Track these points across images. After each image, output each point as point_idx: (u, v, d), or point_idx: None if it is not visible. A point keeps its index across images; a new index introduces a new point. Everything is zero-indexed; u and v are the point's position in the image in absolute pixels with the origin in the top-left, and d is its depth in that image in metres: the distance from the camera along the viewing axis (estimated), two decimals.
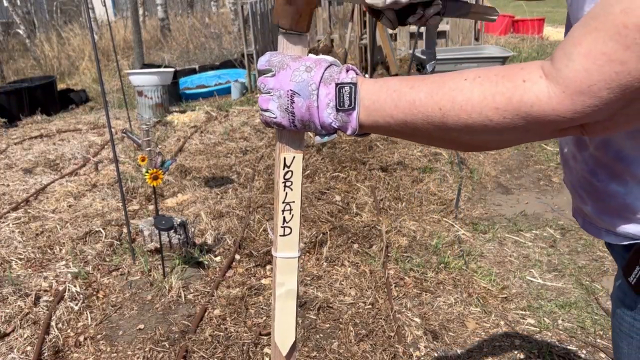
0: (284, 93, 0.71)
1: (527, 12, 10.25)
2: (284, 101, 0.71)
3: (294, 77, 0.70)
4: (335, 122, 0.70)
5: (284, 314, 0.80)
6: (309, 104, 0.70)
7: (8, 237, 3.18)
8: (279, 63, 0.72)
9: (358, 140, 4.61)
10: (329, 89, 0.69)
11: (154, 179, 2.45)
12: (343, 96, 0.68)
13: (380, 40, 7.09)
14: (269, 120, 0.74)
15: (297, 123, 0.72)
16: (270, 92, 0.72)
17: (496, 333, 2.21)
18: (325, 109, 0.70)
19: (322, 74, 0.69)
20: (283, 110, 0.71)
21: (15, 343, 2.25)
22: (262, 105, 0.74)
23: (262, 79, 0.73)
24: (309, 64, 0.71)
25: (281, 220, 0.81)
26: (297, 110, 0.71)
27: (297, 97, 0.70)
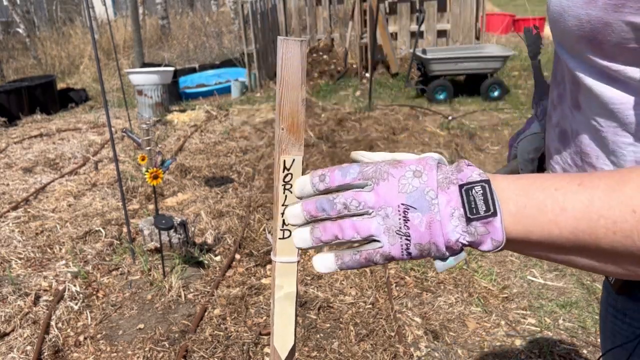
0: (393, 210, 0.53)
1: (528, 12, 10.24)
2: (394, 221, 0.53)
3: (402, 187, 0.54)
4: (464, 236, 0.53)
5: (283, 317, 0.80)
6: (429, 218, 0.53)
7: (8, 236, 3.18)
8: (375, 173, 0.55)
9: (359, 140, 4.61)
10: (449, 195, 0.53)
11: (153, 178, 2.45)
12: (475, 200, 0.52)
13: (381, 39, 7.08)
14: (371, 256, 0.54)
15: (413, 249, 0.54)
16: (371, 212, 0.54)
17: (497, 333, 2.21)
18: (450, 221, 0.53)
19: (436, 177, 0.54)
20: (392, 234, 0.54)
21: (15, 343, 2.25)
22: (360, 233, 0.54)
23: (353, 195, 0.54)
24: (417, 168, 0.54)
25: (280, 223, 0.79)
26: (414, 231, 0.53)
27: (413, 212, 0.53)
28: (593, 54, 0.62)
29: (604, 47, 0.60)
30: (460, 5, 7.12)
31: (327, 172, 0.56)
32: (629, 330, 0.79)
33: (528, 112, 5.46)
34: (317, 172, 0.57)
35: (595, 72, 0.65)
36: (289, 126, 0.76)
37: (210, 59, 9.16)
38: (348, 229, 0.54)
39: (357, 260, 0.55)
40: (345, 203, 0.54)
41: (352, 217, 0.54)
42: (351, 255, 0.55)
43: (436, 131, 4.86)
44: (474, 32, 7.18)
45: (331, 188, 0.56)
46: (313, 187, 0.57)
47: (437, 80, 5.97)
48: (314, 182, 0.56)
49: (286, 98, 0.75)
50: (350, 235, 0.54)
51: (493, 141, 4.60)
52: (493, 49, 6.29)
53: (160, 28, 11.99)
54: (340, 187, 0.55)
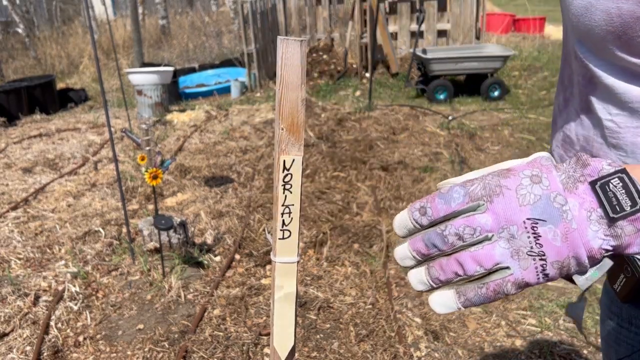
0: (519, 228, 0.45)
1: (528, 11, 10.23)
2: (523, 241, 0.45)
3: (522, 198, 0.45)
4: (607, 241, 0.45)
5: (283, 318, 0.79)
6: (564, 229, 0.45)
7: (7, 236, 3.17)
8: (485, 190, 0.46)
9: (359, 140, 4.61)
10: (580, 196, 0.45)
11: (153, 178, 2.44)
12: (615, 196, 0.44)
13: (381, 39, 7.08)
14: (501, 288, 0.46)
15: (550, 269, 0.45)
16: (490, 237, 0.46)
17: (497, 333, 2.20)
18: (588, 226, 0.45)
19: (558, 179, 0.46)
20: (523, 256, 0.45)
21: (15, 343, 2.24)
22: (484, 264, 0.46)
23: (464, 222, 0.46)
24: (532, 172, 0.47)
25: (280, 223, 0.79)
26: (550, 248, 0.45)
27: (543, 226, 0.45)
28: (621, 50, 0.59)
29: (633, 43, 0.58)
30: (460, 5, 7.11)
31: (427, 202, 0.48)
32: (635, 339, 0.77)
33: (528, 112, 5.46)
34: (416, 205, 0.48)
35: (619, 70, 0.62)
36: (289, 126, 0.76)
37: (210, 59, 9.16)
38: (469, 263, 0.46)
39: (484, 295, 0.47)
40: (458, 233, 0.46)
41: (469, 247, 0.46)
42: (476, 290, 0.47)
43: (436, 131, 4.86)
44: (474, 31, 7.18)
45: (437, 220, 0.47)
46: (415, 223, 0.48)
47: (437, 80, 5.97)
48: (415, 217, 0.48)
49: (286, 98, 0.74)
50: (472, 270, 0.46)
51: (493, 141, 4.59)
52: (493, 49, 6.28)
53: (160, 28, 11.99)
54: (446, 216, 0.47)
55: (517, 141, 4.58)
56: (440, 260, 0.48)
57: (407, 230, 0.49)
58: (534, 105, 5.70)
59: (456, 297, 0.48)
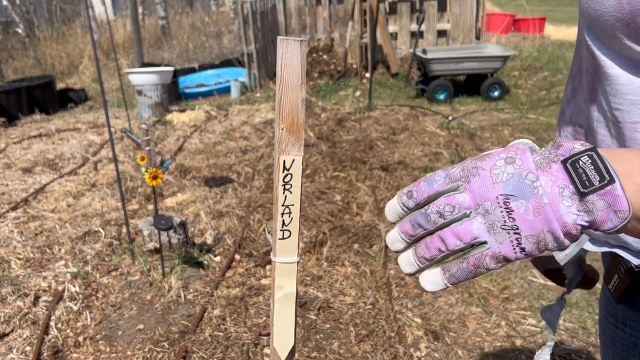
0: (492, 204, 0.48)
1: (527, 11, 10.24)
2: (497, 215, 0.48)
3: (495, 177, 0.49)
4: (582, 216, 0.47)
5: (283, 318, 0.79)
6: (535, 203, 0.47)
7: (7, 236, 3.17)
8: (463, 172, 0.50)
9: (359, 140, 4.61)
10: (552, 174, 0.48)
11: (153, 178, 2.44)
12: (585, 172, 0.47)
13: (381, 39, 7.08)
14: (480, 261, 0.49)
15: (526, 242, 0.48)
16: (469, 214, 0.49)
17: (497, 333, 2.20)
18: (561, 202, 0.47)
19: (531, 158, 0.49)
20: (498, 230, 0.48)
21: (15, 343, 2.24)
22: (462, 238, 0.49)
23: (445, 200, 0.50)
24: (508, 155, 0.50)
25: (280, 224, 0.78)
26: (522, 221, 0.47)
27: (515, 201, 0.48)
28: (629, 38, 0.59)
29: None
30: (460, 5, 7.11)
31: (413, 187, 0.52)
32: (629, 340, 0.77)
33: (528, 112, 5.46)
34: (403, 190, 0.53)
35: (625, 61, 0.62)
36: (289, 126, 0.76)
37: (210, 59, 9.16)
38: (449, 238, 0.49)
39: (465, 268, 0.50)
40: (439, 210, 0.50)
41: (450, 224, 0.50)
42: (458, 265, 0.50)
43: (436, 131, 4.86)
44: (474, 32, 7.18)
45: (421, 202, 0.51)
46: (403, 207, 0.52)
47: (437, 80, 5.97)
48: (403, 200, 0.52)
49: (286, 98, 0.74)
50: (453, 244, 0.49)
51: (493, 141, 4.59)
52: (493, 49, 6.28)
53: (159, 28, 11.99)
54: (430, 197, 0.51)
55: None
56: (425, 240, 0.51)
57: (396, 215, 0.53)
58: (534, 106, 5.70)
59: (442, 273, 0.51)
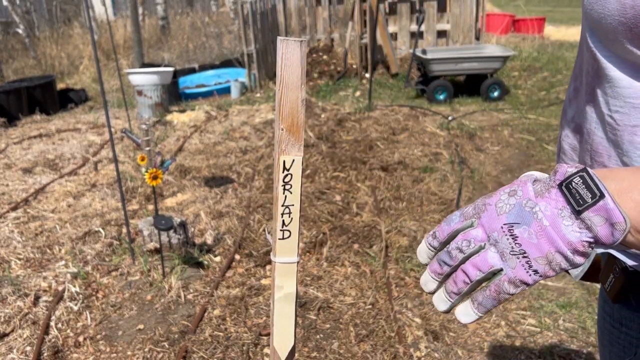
0: (499, 233, 0.53)
1: (526, 12, 10.24)
2: (504, 243, 0.53)
3: (499, 209, 0.54)
4: (584, 233, 0.50)
5: (283, 318, 0.80)
6: (536, 227, 0.51)
7: (7, 237, 3.18)
8: (475, 209, 0.56)
9: (358, 140, 4.61)
10: (550, 199, 0.52)
11: (153, 178, 2.45)
12: (577, 192, 0.50)
13: (381, 40, 7.08)
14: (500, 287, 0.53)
15: (536, 265, 0.52)
16: (484, 246, 0.54)
17: (497, 333, 2.21)
18: (561, 222, 0.51)
19: (531, 187, 0.54)
20: (508, 256, 0.53)
21: (15, 343, 2.24)
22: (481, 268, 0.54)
23: (462, 237, 0.56)
24: (511, 189, 0.55)
25: (280, 224, 0.79)
26: (528, 245, 0.52)
27: (518, 228, 0.52)
28: (631, 43, 0.59)
29: None
30: (460, 6, 7.12)
31: (436, 228, 0.59)
32: (625, 339, 0.78)
33: (528, 112, 5.46)
34: (429, 233, 0.60)
35: (626, 64, 0.62)
36: (289, 126, 0.76)
37: (210, 59, 9.16)
38: (470, 269, 0.54)
39: (489, 296, 0.54)
40: (458, 246, 0.55)
41: (470, 257, 0.55)
42: (482, 293, 0.55)
43: (436, 131, 4.86)
44: (473, 32, 7.18)
45: (443, 240, 0.57)
46: (430, 247, 0.59)
47: (437, 81, 5.97)
48: (429, 241, 0.59)
49: (286, 98, 0.74)
50: (474, 275, 0.54)
51: (493, 141, 4.60)
52: (493, 49, 6.29)
53: (160, 28, 11.99)
54: (450, 235, 0.57)
55: (517, 141, 4.58)
56: (451, 276, 0.57)
57: (426, 256, 0.60)
58: (533, 106, 5.70)
59: (471, 304, 0.56)
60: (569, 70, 7.02)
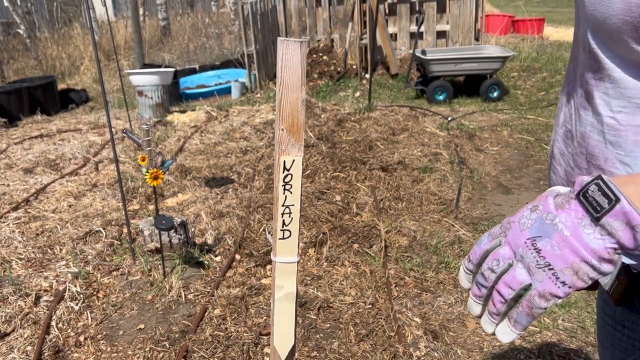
0: (523, 248, 0.55)
1: (525, 12, 10.25)
2: (529, 257, 0.54)
3: (522, 225, 0.56)
4: (607, 240, 0.51)
5: (283, 318, 0.80)
6: (558, 238, 0.52)
7: (8, 237, 3.19)
8: (501, 228, 0.59)
9: (358, 140, 4.62)
10: (570, 210, 0.53)
11: (154, 178, 2.45)
12: (594, 199, 0.51)
13: (381, 40, 7.09)
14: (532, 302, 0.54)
15: (563, 276, 0.52)
16: (512, 263, 0.56)
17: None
18: (582, 231, 0.51)
19: (552, 201, 0.55)
20: (535, 270, 0.54)
21: (16, 343, 2.25)
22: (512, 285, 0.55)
23: (491, 257, 0.57)
24: (534, 204, 0.57)
25: (280, 224, 0.79)
26: (552, 257, 0.53)
27: (540, 241, 0.54)
28: (637, 42, 0.59)
29: None
30: (459, 7, 7.13)
31: (470, 252, 0.61)
32: (628, 341, 0.77)
33: (527, 112, 5.47)
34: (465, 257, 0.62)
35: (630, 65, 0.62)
36: (289, 127, 0.76)
37: (211, 60, 9.17)
38: (502, 288, 0.56)
39: (522, 312, 0.55)
40: (489, 267, 0.57)
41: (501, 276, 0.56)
42: (516, 310, 0.56)
43: (436, 132, 4.87)
44: (473, 33, 7.19)
45: (476, 262, 0.60)
46: (467, 270, 0.62)
47: (436, 81, 5.98)
48: (465, 265, 0.62)
49: (286, 99, 0.75)
50: (507, 293, 0.56)
51: (492, 141, 4.61)
52: (492, 50, 6.29)
53: (160, 29, 12.00)
54: (481, 257, 0.59)
55: (516, 142, 4.59)
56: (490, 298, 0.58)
57: (466, 280, 0.62)
58: (532, 106, 5.71)
59: (508, 323, 0.57)
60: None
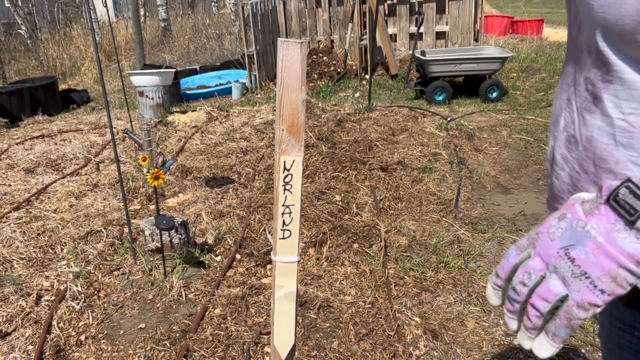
0: (556, 258, 0.53)
1: (524, 13, 10.26)
2: (563, 267, 0.53)
3: (552, 234, 0.55)
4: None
5: (283, 317, 0.81)
6: (592, 245, 0.51)
7: (10, 236, 3.20)
8: (528, 240, 0.57)
9: (358, 140, 4.63)
10: (600, 215, 0.52)
11: (155, 179, 2.47)
12: (627, 202, 0.50)
13: (380, 41, 7.10)
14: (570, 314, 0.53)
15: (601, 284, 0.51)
16: (545, 275, 0.55)
17: (495, 332, 2.22)
18: (616, 236, 0.50)
19: (580, 208, 0.54)
20: (571, 280, 0.52)
21: (17, 342, 2.26)
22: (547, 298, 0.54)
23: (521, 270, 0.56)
24: (561, 213, 0.55)
25: (281, 223, 0.80)
26: (587, 265, 0.51)
27: (573, 249, 0.52)
28: None
29: None
30: (458, 7, 7.14)
31: (498, 267, 0.59)
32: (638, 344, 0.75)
33: (526, 113, 5.48)
34: (492, 273, 0.60)
35: None
36: (289, 127, 0.77)
37: (211, 61, 9.19)
38: (537, 302, 0.54)
39: (560, 324, 0.54)
40: (521, 280, 0.56)
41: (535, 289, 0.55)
42: (553, 323, 0.55)
43: (435, 132, 4.88)
44: (472, 33, 7.20)
45: (505, 277, 0.58)
46: (496, 287, 0.60)
47: (436, 82, 5.99)
48: (493, 281, 0.60)
49: (286, 99, 0.76)
50: (542, 307, 0.54)
51: (491, 142, 4.62)
52: (492, 51, 6.31)
53: (161, 30, 12.02)
54: (510, 271, 0.58)
55: (515, 142, 4.60)
56: (525, 312, 0.57)
57: (496, 297, 0.60)
58: (531, 107, 5.72)
59: (545, 337, 0.56)
60: None
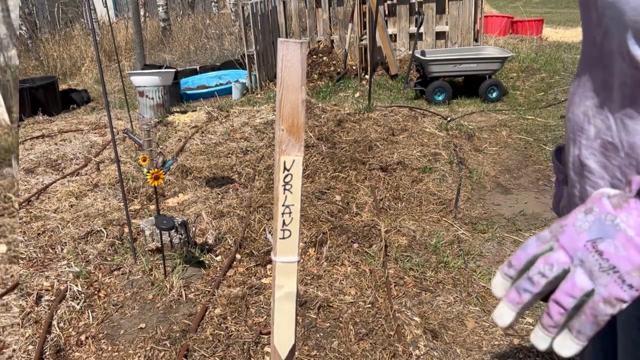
0: (582, 252, 0.52)
1: (524, 13, 10.26)
2: (590, 261, 0.51)
3: (579, 227, 0.53)
4: None
5: (283, 317, 0.82)
6: (622, 239, 0.50)
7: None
8: (551, 232, 0.55)
9: (358, 140, 4.63)
10: (630, 208, 0.51)
11: (155, 179, 2.47)
12: None
13: (380, 41, 7.10)
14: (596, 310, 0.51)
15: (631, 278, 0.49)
16: (568, 268, 0.53)
17: (495, 332, 2.23)
18: None
19: (607, 201, 0.52)
20: (598, 274, 0.51)
21: (17, 342, 2.27)
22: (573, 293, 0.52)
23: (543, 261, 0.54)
24: (586, 207, 0.54)
25: (281, 223, 0.81)
26: (615, 258, 0.50)
27: (602, 242, 0.51)
28: None
29: None
30: (458, 8, 7.14)
31: (511, 257, 0.57)
32: None
33: (526, 113, 5.48)
34: (504, 263, 0.57)
35: None
36: (289, 127, 0.77)
37: (211, 61, 9.19)
38: (563, 298, 0.52)
39: (586, 320, 0.51)
40: (540, 271, 0.54)
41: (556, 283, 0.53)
42: (578, 320, 0.52)
43: (435, 132, 4.89)
44: (472, 33, 7.20)
45: (520, 268, 0.56)
46: (506, 277, 0.57)
47: (436, 82, 6.00)
48: (504, 271, 0.57)
49: (286, 99, 0.76)
50: (568, 303, 0.52)
51: (491, 142, 4.62)
52: (491, 51, 6.31)
53: (161, 30, 12.02)
54: (528, 262, 0.56)
55: (515, 142, 4.61)
56: (545, 311, 0.54)
57: (503, 288, 0.57)
58: (531, 107, 5.72)
59: (569, 335, 0.53)
60: (566, 71, 7.04)
